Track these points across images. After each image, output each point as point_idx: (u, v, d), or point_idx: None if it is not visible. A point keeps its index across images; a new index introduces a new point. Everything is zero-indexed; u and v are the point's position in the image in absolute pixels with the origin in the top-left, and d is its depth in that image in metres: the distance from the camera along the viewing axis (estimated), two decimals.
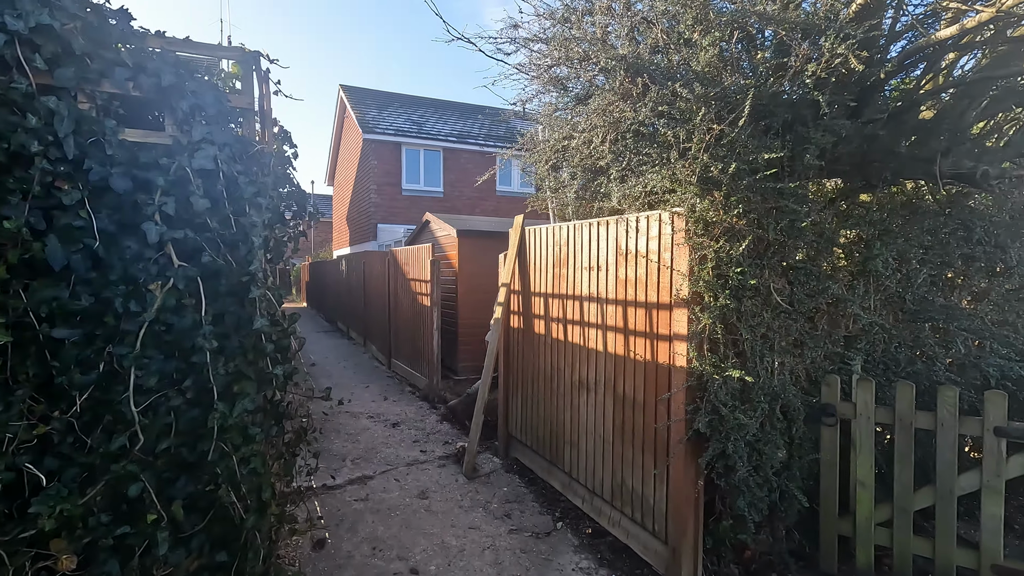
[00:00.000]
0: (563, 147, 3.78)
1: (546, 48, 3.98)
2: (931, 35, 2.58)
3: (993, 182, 3.74)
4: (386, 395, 7.66)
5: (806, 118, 2.99)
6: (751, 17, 2.81)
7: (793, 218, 2.95)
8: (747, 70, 3.12)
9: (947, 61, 3.41)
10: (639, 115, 2.99)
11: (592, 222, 3.78)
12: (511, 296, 5.02)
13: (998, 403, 2.71)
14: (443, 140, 18.19)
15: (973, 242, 3.92)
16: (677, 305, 2.99)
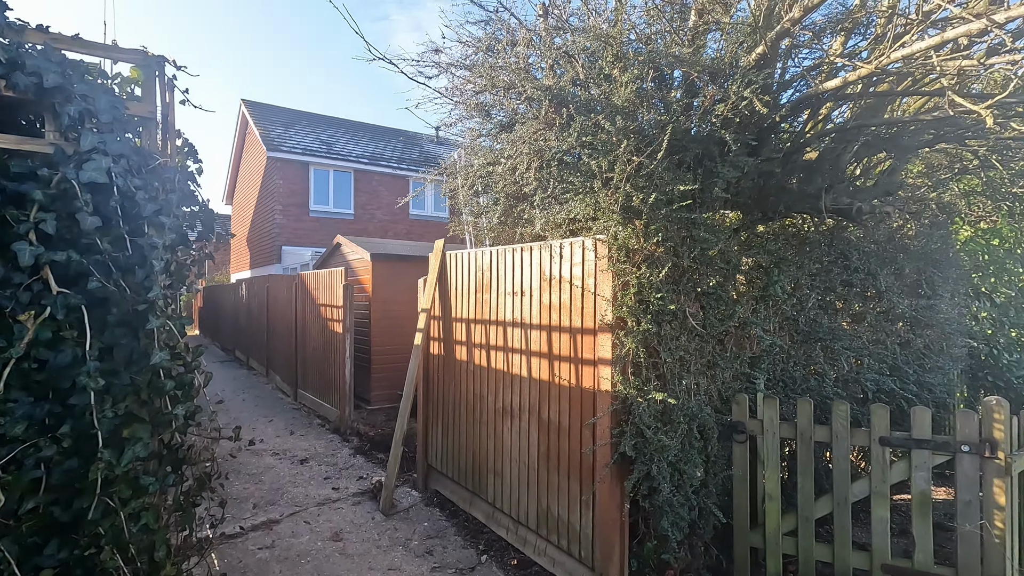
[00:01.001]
0: (487, 173, 3.79)
1: (469, 74, 4.00)
2: (818, 85, 2.89)
3: (865, 217, 4.23)
4: (292, 429, 7.14)
5: (714, 154, 3.21)
6: (665, 58, 2.99)
7: (705, 246, 3.14)
8: (662, 107, 3.31)
9: (826, 109, 3.83)
10: (564, 144, 3.06)
11: (516, 247, 3.80)
12: (431, 322, 4.90)
13: (882, 415, 3.01)
14: (354, 161, 17.73)
15: (850, 270, 4.39)
16: (601, 330, 3.05)
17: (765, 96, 2.83)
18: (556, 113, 3.15)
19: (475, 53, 4.05)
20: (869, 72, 2.41)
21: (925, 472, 2.89)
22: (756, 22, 2.85)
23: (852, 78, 2.60)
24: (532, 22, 3.94)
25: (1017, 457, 2.77)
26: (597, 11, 3.64)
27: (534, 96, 3.09)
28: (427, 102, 3.98)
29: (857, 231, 4.57)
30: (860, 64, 2.49)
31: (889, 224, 4.78)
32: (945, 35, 2.09)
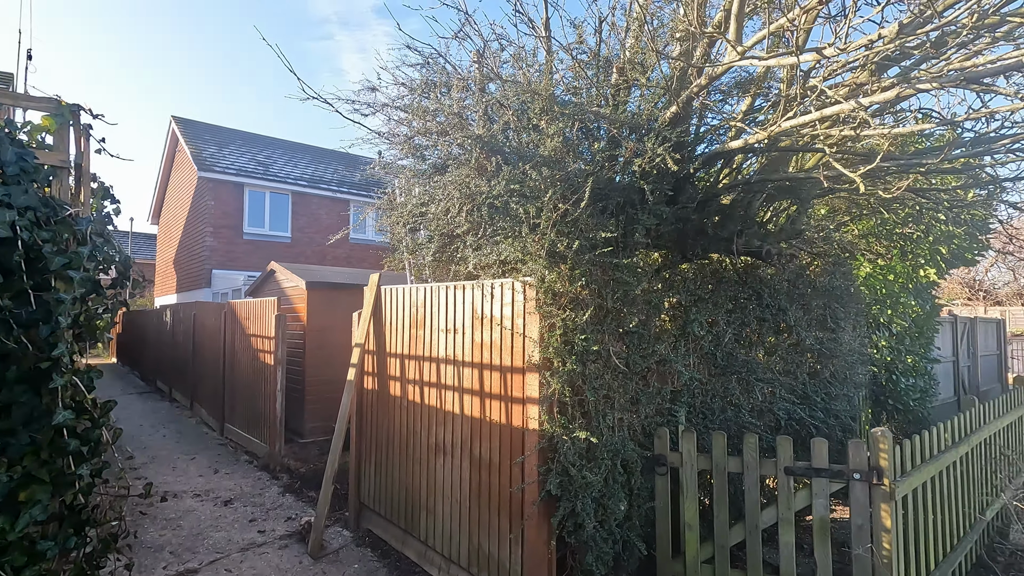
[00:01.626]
0: (420, 212, 3.86)
1: (405, 115, 4.09)
2: (724, 144, 3.17)
3: (774, 258, 4.59)
4: (217, 467, 6.79)
5: (635, 202, 3.43)
6: (588, 113, 3.19)
7: (627, 288, 3.32)
8: (587, 156, 3.50)
9: (738, 161, 4.17)
10: (494, 190, 3.18)
11: (450, 285, 3.87)
12: (365, 356, 4.86)
13: (786, 446, 3.25)
14: (293, 184, 17.32)
15: (763, 306, 4.74)
16: (529, 369, 3.15)
17: (677, 154, 3.07)
18: (487, 159, 3.28)
19: (411, 94, 4.15)
20: (764, 136, 2.68)
21: (824, 499, 3.14)
22: (669, 84, 3.10)
23: (751, 140, 2.88)
24: (466, 67, 4.08)
25: (900, 483, 3.06)
26: (527, 62, 3.83)
27: (465, 144, 3.21)
28: (363, 142, 4.02)
29: (769, 270, 4.95)
30: (756, 130, 2.77)
31: (797, 263, 5.20)
32: (823, 112, 2.37)
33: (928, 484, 3.48)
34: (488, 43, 4.12)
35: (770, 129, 2.62)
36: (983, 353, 12.25)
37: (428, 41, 4.97)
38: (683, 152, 3.40)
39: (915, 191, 4.52)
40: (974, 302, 20.65)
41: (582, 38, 3.77)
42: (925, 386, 7.68)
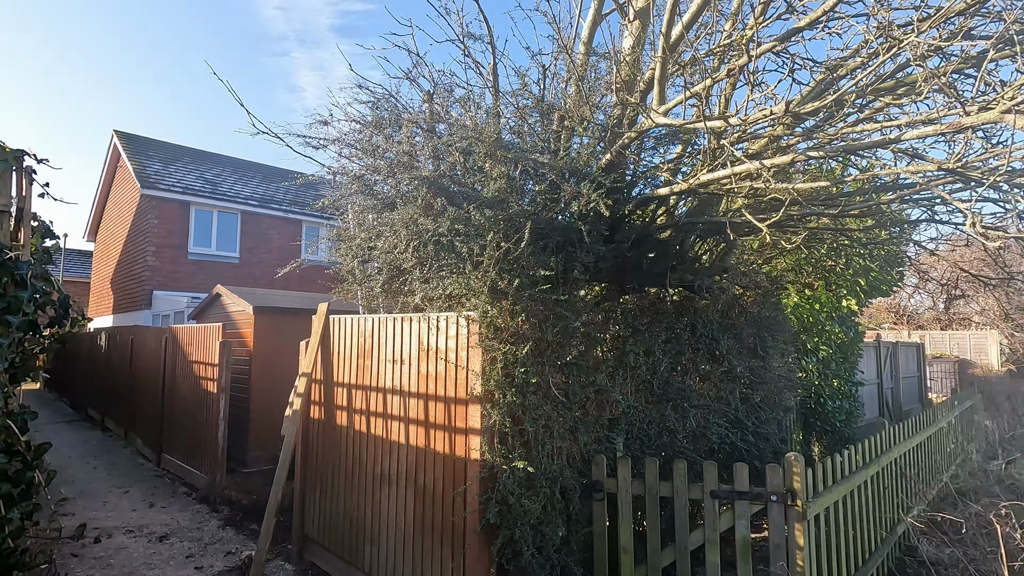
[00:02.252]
0: (370, 246, 3.96)
1: (356, 150, 4.21)
2: (654, 190, 3.44)
3: (706, 291, 4.91)
4: (153, 500, 6.52)
5: (574, 240, 3.64)
6: (530, 158, 3.41)
7: (566, 322, 3.51)
8: (529, 196, 3.71)
9: (672, 202, 4.48)
10: (439, 228, 3.33)
11: (398, 317, 3.96)
12: (312, 386, 4.86)
13: (711, 471, 3.48)
14: (242, 203, 16.96)
15: (697, 336, 5.04)
16: (472, 401, 3.27)
17: (610, 199, 3.31)
18: (434, 199, 3.43)
19: (363, 130, 4.27)
20: (686, 186, 2.96)
21: (745, 520, 3.37)
22: (604, 135, 3.36)
23: (676, 188, 3.16)
24: (417, 106, 4.25)
25: (812, 503, 3.33)
26: (475, 104, 4.03)
27: (412, 186, 3.36)
28: (317, 182, 4.10)
29: (703, 302, 5.27)
30: (680, 180, 3.05)
31: (729, 295, 5.56)
32: (733, 169, 2.66)
33: (840, 503, 3.78)
34: (438, 84, 4.31)
35: (691, 180, 2.89)
36: (905, 375, 13.17)
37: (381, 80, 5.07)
38: (618, 196, 3.65)
39: (834, 230, 4.96)
40: (899, 326, 22.14)
41: (526, 84, 4.02)
42: (850, 408, 8.22)
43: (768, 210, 3.50)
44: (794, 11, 2.81)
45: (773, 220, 2.74)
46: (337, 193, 4.16)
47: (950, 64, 2.68)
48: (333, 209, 4.42)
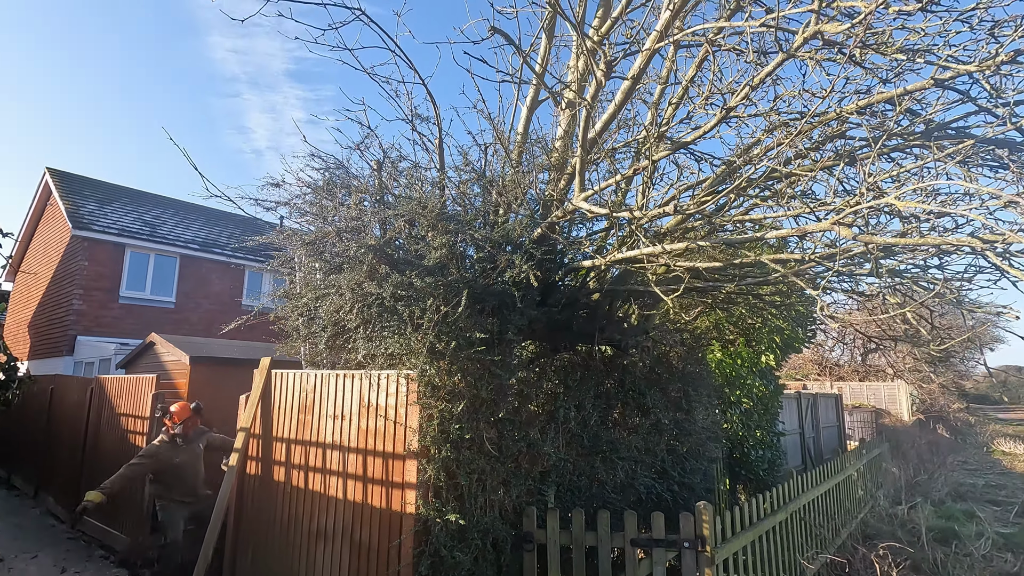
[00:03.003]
0: (316, 305, 4.15)
1: (307, 214, 4.45)
2: (579, 262, 3.85)
3: (632, 349, 5.33)
4: (65, 565, 6.13)
5: (508, 304, 3.97)
6: (469, 230, 3.76)
7: (500, 381, 3.80)
8: (469, 260, 4.04)
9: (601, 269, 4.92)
10: (383, 292, 3.59)
11: (340, 373, 4.13)
12: (250, 441, 4.86)
13: (632, 520, 3.77)
14: (182, 247, 16.55)
15: (625, 390, 5.42)
16: (409, 456, 3.46)
17: (539, 272, 3.69)
18: (379, 264, 3.70)
19: (314, 194, 4.53)
20: (604, 262, 3.38)
21: (662, 566, 3.65)
22: (535, 212, 3.76)
23: (597, 263, 3.58)
24: (367, 175, 4.57)
25: (720, 549, 3.66)
26: (421, 177, 4.39)
27: (359, 254, 3.63)
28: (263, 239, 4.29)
29: (631, 358, 5.69)
30: (600, 256, 3.47)
31: (656, 352, 6.01)
32: (641, 251, 3.10)
33: (748, 548, 4.13)
34: (387, 155, 4.66)
35: (608, 257, 3.31)
36: (825, 425, 14.07)
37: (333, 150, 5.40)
38: (550, 265, 4.04)
39: (747, 293, 5.54)
40: (823, 377, 23.65)
41: (468, 161, 4.42)
42: (773, 457, 8.77)
43: (678, 281, 3.96)
44: (691, 117, 3.35)
45: (676, 294, 3.17)
46: (283, 256, 4.35)
47: (803, 177, 3.27)
48: (282, 268, 4.59)
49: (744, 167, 3.75)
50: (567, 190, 3.96)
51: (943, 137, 3.54)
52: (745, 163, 3.90)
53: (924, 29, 2.71)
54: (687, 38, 3.20)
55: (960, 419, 23.07)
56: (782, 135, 3.55)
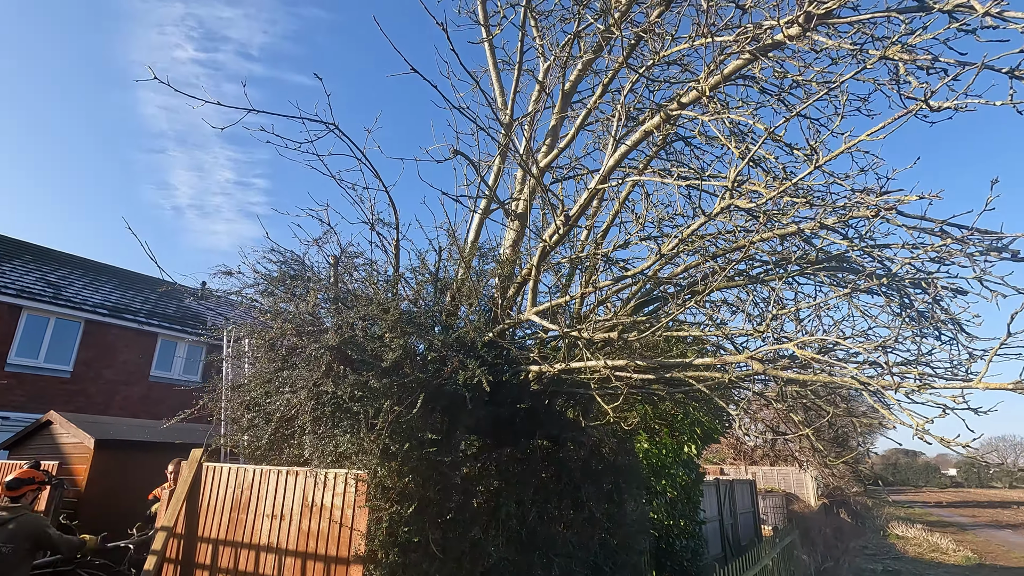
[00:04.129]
0: (265, 397, 4.14)
1: (263, 304, 4.51)
2: (527, 368, 4.16)
3: (570, 445, 5.59)
4: None
5: (459, 404, 4.16)
6: (425, 334, 3.99)
7: (448, 480, 3.91)
8: (422, 363, 4.23)
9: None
10: (339, 391, 3.69)
11: (283, 470, 4.07)
12: (170, 542, 4.56)
13: None
14: (89, 311, 15.39)
15: (562, 484, 5.60)
16: (354, 562, 3.44)
17: (490, 376, 3.94)
18: (336, 364, 3.82)
19: (268, 284, 4.62)
20: (550, 370, 3.70)
21: None
22: (486, 319, 4.07)
23: (543, 369, 3.90)
24: (324, 272, 4.74)
25: None
26: (380, 278, 4.62)
27: (318, 353, 3.74)
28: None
29: (568, 452, 5.93)
30: (546, 365, 3.80)
31: (591, 444, 6.29)
32: (586, 363, 3.46)
33: None
34: (345, 250, 4.88)
35: (556, 366, 3.64)
36: (742, 511, 14.67)
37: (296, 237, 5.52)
38: (499, 367, 4.31)
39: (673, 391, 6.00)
40: (738, 462, 24.75)
41: (424, 263, 4.72)
42: (695, 546, 9.07)
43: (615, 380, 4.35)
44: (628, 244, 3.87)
45: (615, 404, 3.52)
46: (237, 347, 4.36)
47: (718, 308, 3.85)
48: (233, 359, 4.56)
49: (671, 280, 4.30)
50: (516, 296, 4.32)
51: (831, 268, 4.28)
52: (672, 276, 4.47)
53: (810, 200, 3.42)
54: (624, 180, 3.77)
55: (859, 503, 24.68)
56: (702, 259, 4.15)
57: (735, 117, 2.93)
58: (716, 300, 5.11)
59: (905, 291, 4.11)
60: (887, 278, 3.64)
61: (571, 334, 3.19)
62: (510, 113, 4.80)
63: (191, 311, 18.40)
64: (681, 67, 4.17)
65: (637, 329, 4.03)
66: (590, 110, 3.98)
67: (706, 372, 3.37)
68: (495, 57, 5.18)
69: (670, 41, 3.47)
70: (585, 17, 4.53)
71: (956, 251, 3.52)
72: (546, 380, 5.13)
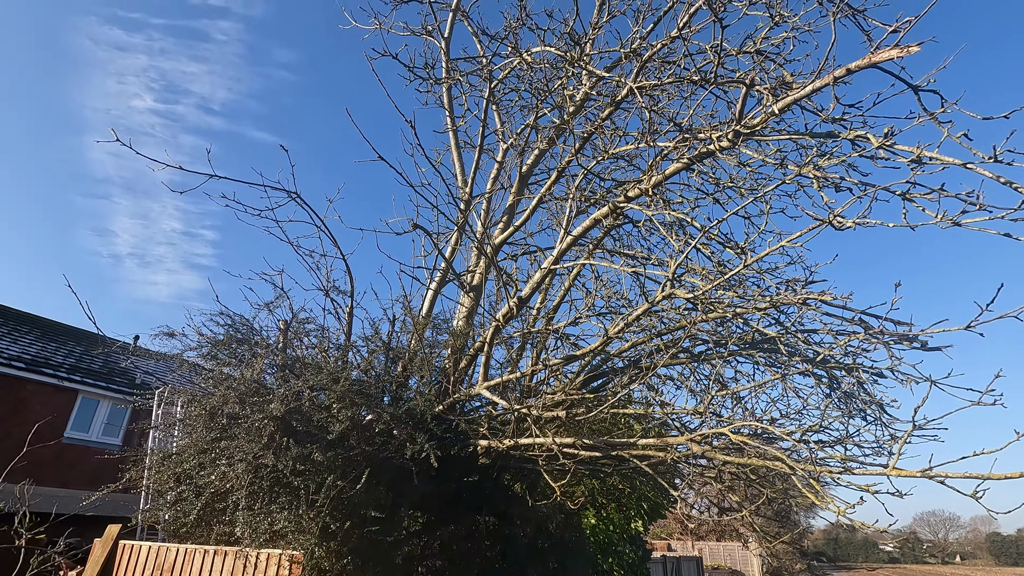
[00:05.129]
0: (197, 471, 3.93)
1: (206, 367, 4.36)
2: (477, 442, 4.15)
3: (517, 521, 5.49)
4: None
5: (405, 479, 4.07)
6: (374, 406, 3.95)
7: (389, 562, 3.75)
8: (372, 432, 4.15)
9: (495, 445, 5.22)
10: (280, 465, 3.55)
11: (210, 549, 3.81)
12: None
13: None
14: (3, 364, 14.21)
15: (508, 563, 5.43)
16: None
17: (439, 452, 3.91)
18: (279, 436, 3.70)
19: (210, 349, 4.48)
20: (500, 446, 3.71)
21: None
22: (435, 393, 4.09)
23: (495, 445, 3.91)
24: (274, 338, 4.66)
25: None
26: (332, 345, 4.58)
27: (261, 424, 3.63)
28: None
29: (514, 528, 5.79)
30: (495, 441, 3.82)
31: (535, 521, 6.17)
32: (535, 440, 3.51)
33: None
34: (297, 316, 4.83)
35: (506, 442, 3.66)
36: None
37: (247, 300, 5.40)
38: (448, 440, 4.28)
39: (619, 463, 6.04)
40: (685, 537, 24.51)
41: (377, 332, 4.73)
42: None
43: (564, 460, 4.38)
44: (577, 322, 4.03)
45: (563, 482, 3.55)
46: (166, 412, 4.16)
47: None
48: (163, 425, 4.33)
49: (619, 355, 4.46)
50: (468, 368, 4.37)
51: (766, 349, 4.57)
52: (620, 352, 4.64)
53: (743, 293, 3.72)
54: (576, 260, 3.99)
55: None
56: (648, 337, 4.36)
57: (675, 214, 3.22)
58: (661, 375, 5.31)
59: (832, 374, 4.42)
60: (814, 364, 3.92)
61: (521, 410, 3.25)
62: (469, 191, 5.04)
63: (119, 367, 17.23)
64: (627, 161, 4.55)
65: (585, 406, 4.13)
66: (543, 195, 4.25)
67: (651, 451, 3.47)
68: (457, 139, 5.47)
69: (619, 139, 3.81)
70: (542, 109, 4.90)
71: (875, 339, 3.86)
72: (494, 455, 5.10)
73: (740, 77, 3.20)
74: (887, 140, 2.45)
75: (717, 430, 2.88)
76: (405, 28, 5.82)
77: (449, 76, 5.33)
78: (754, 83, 2.68)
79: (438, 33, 5.76)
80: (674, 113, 3.54)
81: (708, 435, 2.96)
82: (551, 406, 3.50)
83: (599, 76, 3.86)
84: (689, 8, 3.47)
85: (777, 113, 2.75)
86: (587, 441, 3.35)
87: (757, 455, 2.70)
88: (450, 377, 4.28)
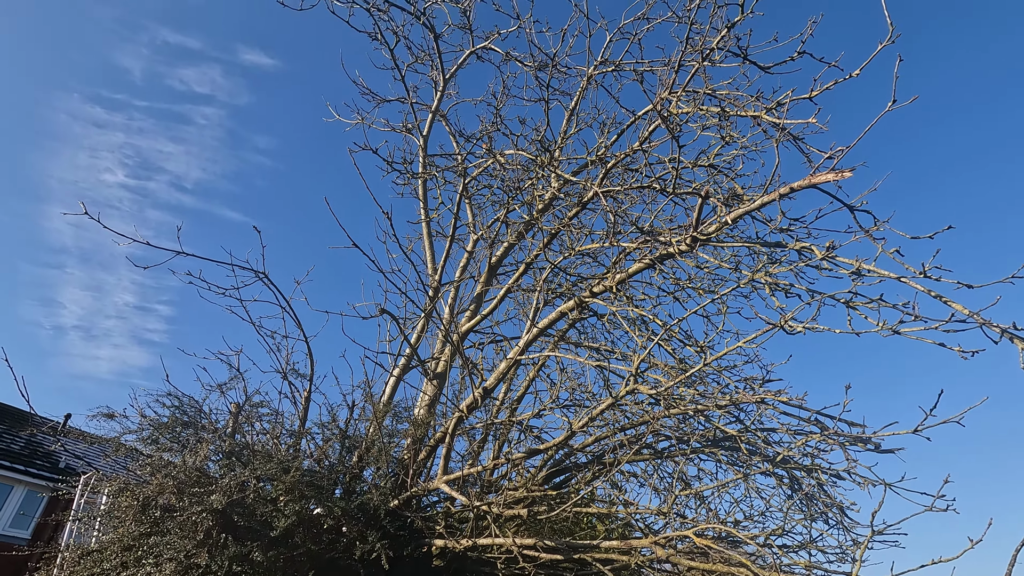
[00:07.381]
0: (122, 566, 3.55)
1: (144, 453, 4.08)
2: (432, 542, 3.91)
3: None
4: None
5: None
6: (326, 503, 3.72)
7: None
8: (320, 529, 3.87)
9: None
10: (216, 566, 3.25)
11: None
12: None
13: None
14: None
15: None
16: None
17: (391, 552, 3.67)
18: (218, 531, 3.41)
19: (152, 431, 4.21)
20: (456, 546, 3.51)
21: None
22: (390, 486, 3.90)
23: (452, 546, 3.69)
24: (224, 420, 4.43)
25: None
26: (284, 431, 4.37)
27: (198, 517, 3.36)
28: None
29: None
30: (452, 541, 3.62)
31: None
32: (494, 540, 3.34)
33: None
34: (250, 398, 4.63)
35: (464, 542, 3.46)
36: None
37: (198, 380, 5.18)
38: (400, 540, 4.03)
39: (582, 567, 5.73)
40: None
41: (335, 418, 4.56)
42: None
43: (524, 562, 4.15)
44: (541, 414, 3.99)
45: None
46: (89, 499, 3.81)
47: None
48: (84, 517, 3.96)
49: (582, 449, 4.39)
50: (428, 459, 4.20)
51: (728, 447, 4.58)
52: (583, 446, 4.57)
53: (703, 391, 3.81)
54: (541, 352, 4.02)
55: None
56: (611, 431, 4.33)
57: (638, 311, 3.35)
58: (625, 472, 5.21)
59: (792, 474, 4.43)
60: (775, 463, 3.94)
61: (481, 507, 3.11)
62: (438, 278, 5.12)
63: (42, 449, 15.81)
64: (592, 257, 4.75)
65: (548, 503, 3.99)
66: (511, 286, 4.36)
67: (614, 555, 3.33)
68: (430, 228, 5.64)
69: (584, 237, 4.00)
70: (513, 205, 5.15)
71: (831, 440, 3.94)
72: (450, 556, 4.80)
73: (696, 188, 3.49)
74: (829, 253, 2.68)
75: (681, 532, 2.81)
76: (386, 125, 6.16)
77: (425, 171, 5.59)
78: (708, 194, 2.93)
79: (417, 131, 6.11)
80: (636, 217, 3.79)
81: (672, 538, 2.88)
82: (512, 503, 3.37)
83: (567, 179, 4.13)
84: (649, 125, 3.82)
85: (730, 223, 2.99)
86: (548, 543, 3.20)
87: (722, 560, 2.63)
88: (408, 469, 4.11)
